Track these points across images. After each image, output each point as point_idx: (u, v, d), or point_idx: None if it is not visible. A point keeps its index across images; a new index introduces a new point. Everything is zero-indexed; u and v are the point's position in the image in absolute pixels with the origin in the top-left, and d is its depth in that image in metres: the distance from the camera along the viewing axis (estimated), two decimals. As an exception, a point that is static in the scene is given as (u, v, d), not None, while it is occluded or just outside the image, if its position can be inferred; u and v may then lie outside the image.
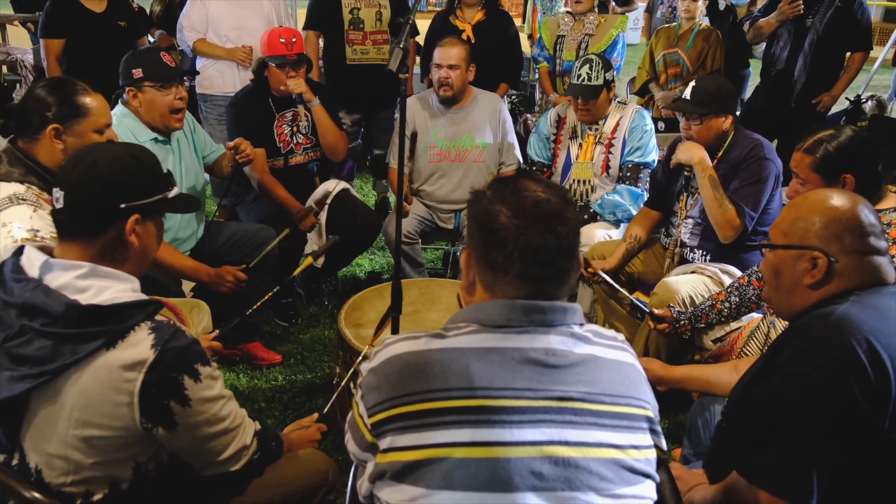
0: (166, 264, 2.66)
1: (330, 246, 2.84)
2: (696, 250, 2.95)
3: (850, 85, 4.58)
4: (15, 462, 1.44)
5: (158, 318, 1.41)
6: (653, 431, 1.26)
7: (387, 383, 1.19)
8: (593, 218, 3.43)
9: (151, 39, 5.48)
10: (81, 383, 1.34)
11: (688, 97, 2.84)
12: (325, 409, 2.10)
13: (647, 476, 1.23)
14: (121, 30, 4.23)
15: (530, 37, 5.79)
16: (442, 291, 2.90)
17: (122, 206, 1.44)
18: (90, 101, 2.18)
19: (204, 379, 1.41)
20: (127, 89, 2.79)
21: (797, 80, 4.49)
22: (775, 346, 1.57)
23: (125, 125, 2.73)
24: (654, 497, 1.24)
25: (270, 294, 2.62)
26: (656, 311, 2.62)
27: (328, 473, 1.82)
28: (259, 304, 2.59)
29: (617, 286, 2.84)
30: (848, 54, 4.55)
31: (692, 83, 2.86)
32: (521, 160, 3.84)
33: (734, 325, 2.56)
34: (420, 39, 4.68)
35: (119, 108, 2.80)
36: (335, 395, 2.21)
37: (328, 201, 3.38)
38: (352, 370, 2.29)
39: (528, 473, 1.12)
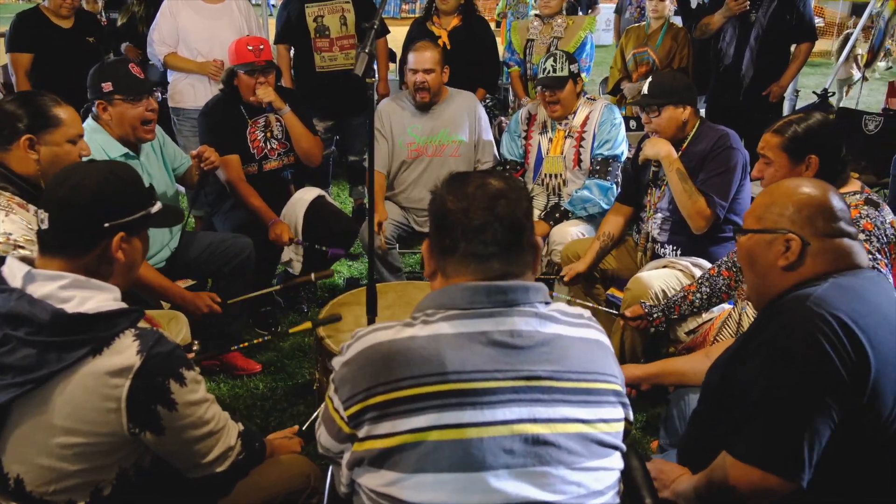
0: (143, 282, 2.64)
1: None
2: (666, 245, 2.99)
3: (797, 75, 4.64)
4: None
5: (140, 325, 1.43)
6: (622, 404, 1.30)
7: (360, 374, 1.23)
8: (565, 216, 3.46)
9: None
10: (68, 391, 1.35)
11: (646, 92, 2.91)
12: (305, 426, 2.12)
13: (615, 448, 1.27)
14: (89, 45, 4.22)
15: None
16: (419, 293, 2.91)
17: (107, 225, 1.46)
18: (62, 112, 2.20)
19: (189, 383, 1.43)
20: (97, 103, 2.77)
21: (745, 74, 4.55)
22: (753, 328, 1.61)
23: (96, 141, 2.69)
24: (621, 466, 1.30)
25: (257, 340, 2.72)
26: (627, 313, 2.67)
27: (310, 477, 1.83)
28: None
29: (607, 309, 2.89)
30: (794, 46, 4.63)
31: (649, 79, 2.94)
32: (498, 158, 3.87)
33: (706, 316, 2.61)
34: (397, 47, 4.71)
35: (89, 122, 2.78)
36: (317, 413, 2.22)
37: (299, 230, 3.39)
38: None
39: (500, 452, 1.16)
